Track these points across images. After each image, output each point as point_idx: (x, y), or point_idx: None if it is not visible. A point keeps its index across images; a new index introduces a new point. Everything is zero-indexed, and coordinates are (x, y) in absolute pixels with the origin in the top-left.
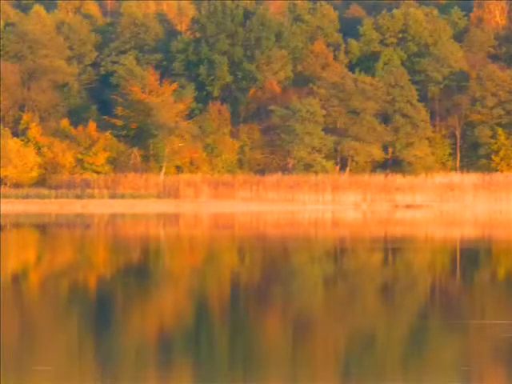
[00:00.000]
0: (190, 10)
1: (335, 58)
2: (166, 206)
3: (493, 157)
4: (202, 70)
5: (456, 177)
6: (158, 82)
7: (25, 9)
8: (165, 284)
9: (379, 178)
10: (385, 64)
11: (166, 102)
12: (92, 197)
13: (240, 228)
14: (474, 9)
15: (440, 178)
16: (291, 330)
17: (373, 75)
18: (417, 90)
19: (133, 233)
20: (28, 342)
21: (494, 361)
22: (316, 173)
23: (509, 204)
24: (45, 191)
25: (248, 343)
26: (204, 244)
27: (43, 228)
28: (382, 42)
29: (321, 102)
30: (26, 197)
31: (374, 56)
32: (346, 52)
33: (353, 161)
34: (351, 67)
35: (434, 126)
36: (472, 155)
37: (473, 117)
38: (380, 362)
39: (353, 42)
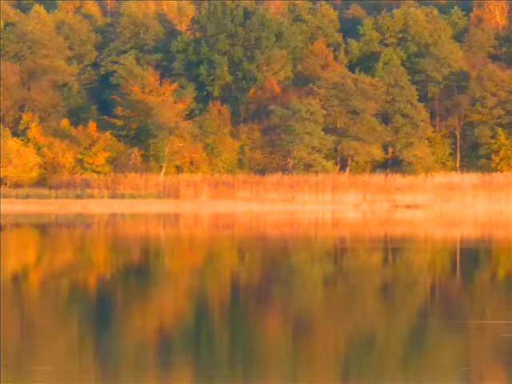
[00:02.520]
0: (190, 10)
1: (335, 58)
2: (166, 206)
3: (493, 157)
4: (202, 70)
5: (456, 177)
6: (158, 81)
7: (25, 9)
8: (165, 284)
9: (379, 178)
10: (385, 64)
11: (166, 102)
12: (92, 197)
13: (240, 228)
14: (474, 9)
15: (440, 177)
16: (291, 329)
17: (373, 75)
18: (417, 90)
19: (133, 233)
20: (28, 342)
21: (494, 361)
22: (316, 173)
23: (509, 204)
24: (45, 191)
25: (248, 343)
26: (204, 244)
27: (43, 228)
28: (381, 41)
29: (321, 102)
30: (26, 197)
31: (374, 56)
32: (346, 52)
33: (353, 161)
34: (351, 67)
35: (434, 126)
36: (472, 155)
37: (473, 117)
38: (380, 361)
39: (353, 42)
